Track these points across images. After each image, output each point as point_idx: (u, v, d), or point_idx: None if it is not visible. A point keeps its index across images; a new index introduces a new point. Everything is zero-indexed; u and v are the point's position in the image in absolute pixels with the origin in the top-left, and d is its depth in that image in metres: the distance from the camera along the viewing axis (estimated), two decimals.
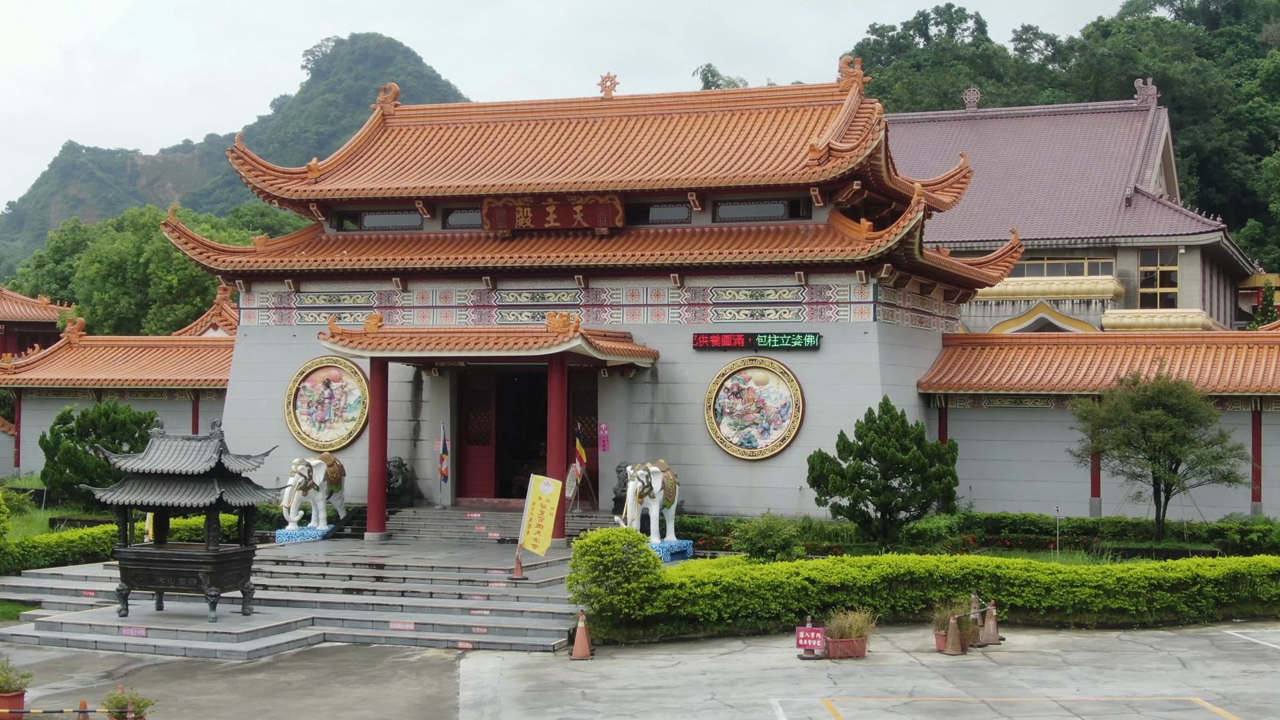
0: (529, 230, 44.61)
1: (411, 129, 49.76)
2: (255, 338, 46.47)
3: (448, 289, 44.71)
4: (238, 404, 46.42)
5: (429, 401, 44.56)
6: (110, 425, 43.53)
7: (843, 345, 41.05)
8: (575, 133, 47.48)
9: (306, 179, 46.82)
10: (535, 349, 39.24)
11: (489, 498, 44.32)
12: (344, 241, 46.56)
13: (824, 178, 41.30)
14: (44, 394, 52.64)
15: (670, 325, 42.75)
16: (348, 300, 45.58)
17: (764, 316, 41.86)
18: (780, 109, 46.04)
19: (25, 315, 77.61)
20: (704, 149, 45.07)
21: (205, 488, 30.77)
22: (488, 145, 47.96)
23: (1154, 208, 72.05)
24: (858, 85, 45.51)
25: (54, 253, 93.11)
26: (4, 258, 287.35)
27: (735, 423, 41.70)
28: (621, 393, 42.70)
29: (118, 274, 66.34)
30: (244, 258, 46.11)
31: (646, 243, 43.29)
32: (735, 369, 41.83)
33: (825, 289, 41.31)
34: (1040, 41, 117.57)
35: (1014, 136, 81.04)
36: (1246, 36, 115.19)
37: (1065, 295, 70.22)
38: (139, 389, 50.98)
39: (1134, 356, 44.00)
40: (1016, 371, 43.87)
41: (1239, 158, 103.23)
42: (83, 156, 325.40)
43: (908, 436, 36.64)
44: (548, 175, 44.83)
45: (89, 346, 54.86)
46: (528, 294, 44.01)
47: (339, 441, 45.12)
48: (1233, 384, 41.44)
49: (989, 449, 43.59)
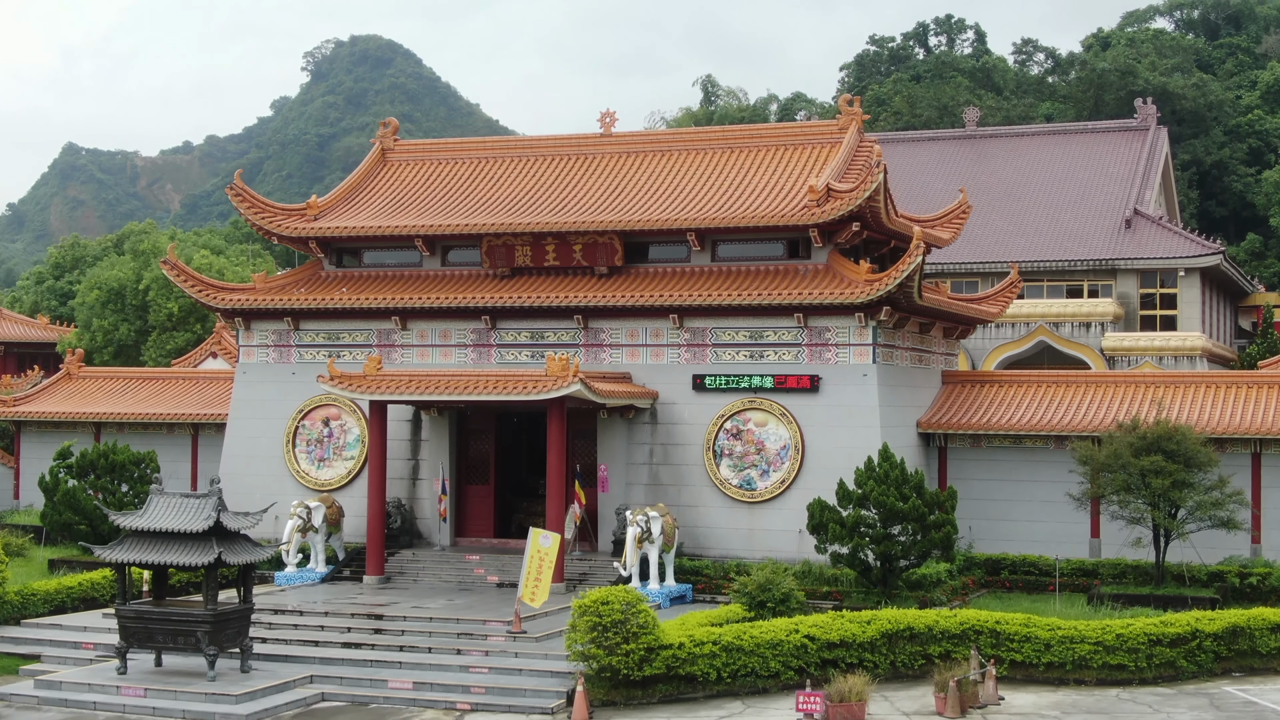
0: (528, 269, 44.56)
1: (411, 164, 49.69)
2: (254, 375, 46.41)
3: (447, 328, 44.65)
4: (237, 442, 46.36)
5: (428, 441, 44.52)
6: (110, 466, 43.48)
7: (842, 387, 40.99)
8: (575, 169, 47.40)
9: (306, 216, 46.75)
10: (534, 393, 39.19)
11: (488, 538, 44.27)
12: (343, 278, 46.49)
13: (823, 219, 41.24)
14: (43, 427, 52.57)
15: (669, 365, 42.70)
16: (347, 338, 45.52)
17: (763, 357, 41.80)
18: (780, 146, 45.96)
19: (25, 336, 77.61)
20: (703, 187, 44.99)
21: (204, 547, 30.72)
22: (487, 181, 47.89)
23: (1154, 229, 71.98)
24: (857, 123, 45.44)
25: (53, 269, 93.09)
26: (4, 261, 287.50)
27: (735, 464, 41.64)
28: (621, 433, 42.65)
29: (117, 300, 66.29)
30: (243, 295, 46.03)
31: (646, 282, 43.23)
32: (734, 410, 41.78)
33: (824, 330, 41.25)
34: (1040, 54, 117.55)
35: (1014, 156, 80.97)
36: (1246, 48, 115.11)
37: (1065, 318, 70.16)
38: (138, 423, 50.89)
39: (1133, 396, 43.93)
40: (1016, 411, 43.81)
41: (1239, 171, 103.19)
42: (82, 158, 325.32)
43: (907, 484, 36.57)
44: (547, 213, 44.77)
45: (88, 377, 54.80)
46: (527, 333, 43.94)
47: (338, 480, 45.06)
48: (1232, 425, 41.38)
49: (989, 489, 43.54)
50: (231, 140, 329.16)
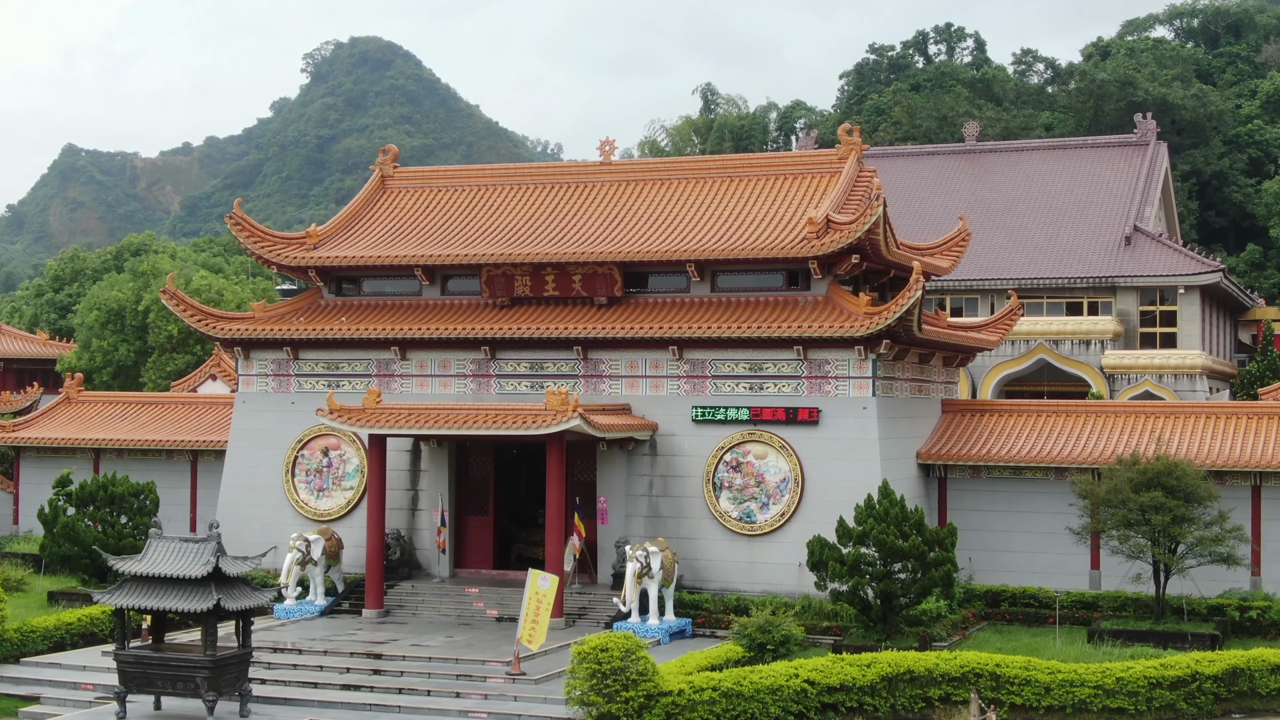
0: (528, 298, 44.53)
1: (410, 191, 49.63)
2: (254, 404, 46.36)
3: (446, 358, 44.60)
4: (236, 471, 46.33)
5: (427, 471, 44.47)
6: (109, 498, 43.43)
7: (842, 420, 40.95)
8: (574, 198, 47.35)
9: (305, 245, 46.71)
10: (533, 428, 39.18)
11: (487, 569, 44.23)
12: (343, 307, 46.44)
13: (822, 251, 41.22)
14: (43, 452, 52.52)
15: (669, 397, 42.66)
16: (346, 368, 45.47)
17: (763, 389, 41.76)
18: (779, 175, 45.91)
19: (24, 352, 77.57)
20: (702, 217, 44.95)
21: (203, 593, 30.68)
22: (487, 209, 47.84)
23: (1153, 247, 71.93)
24: (856, 153, 45.39)
25: (53, 281, 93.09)
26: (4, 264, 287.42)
27: (734, 497, 41.61)
28: (620, 465, 42.61)
29: (117, 321, 66.28)
30: (242, 325, 45.98)
31: (645, 312, 43.18)
32: (734, 442, 41.74)
33: (824, 363, 41.21)
34: (1040, 65, 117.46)
35: (1013, 170, 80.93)
36: (1246, 57, 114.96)
37: (1065, 335, 70.12)
38: (137, 449, 50.83)
39: (1133, 426, 43.87)
40: (1015, 442, 43.75)
41: (1239, 181, 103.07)
42: (82, 159, 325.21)
43: (907, 522, 36.54)
44: (547, 243, 44.73)
45: (87, 402, 54.73)
46: (526, 364, 43.90)
47: (337, 510, 45.03)
48: (1232, 459, 41.34)
49: (989, 519, 43.51)
50: (231, 141, 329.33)
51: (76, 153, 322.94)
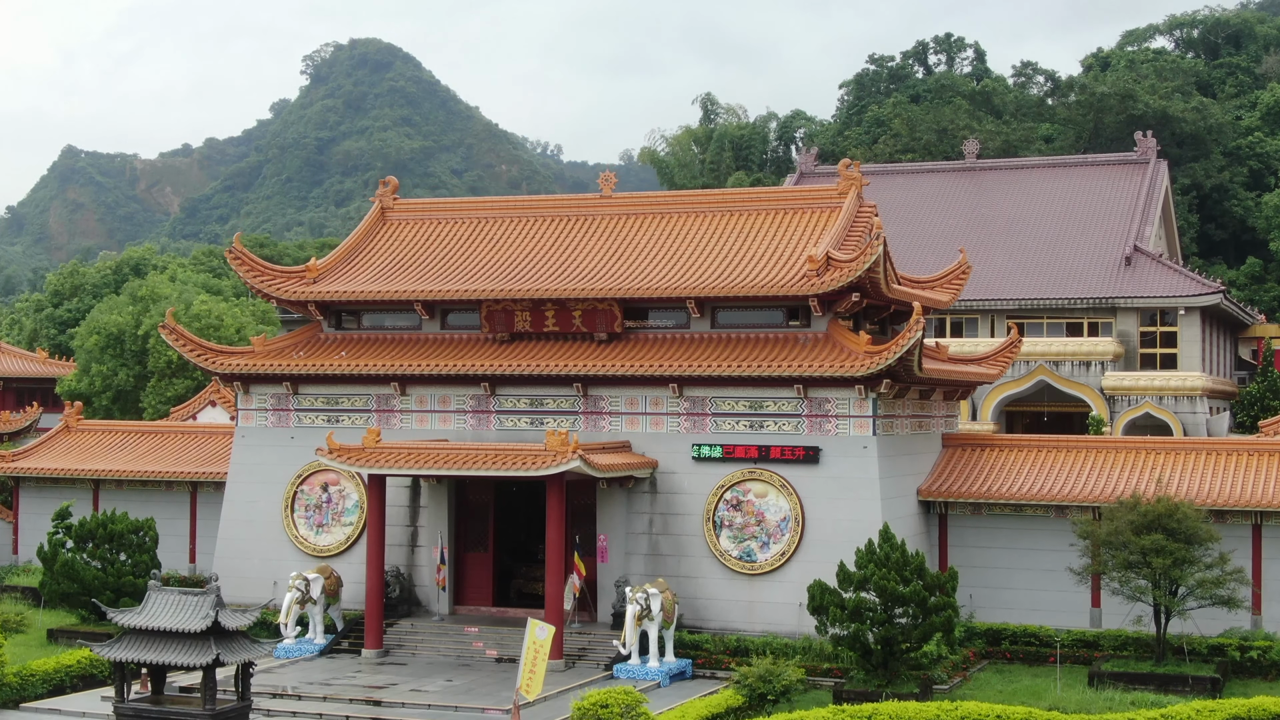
0: (528, 334, 44.46)
1: (410, 223, 49.53)
2: (253, 439, 46.28)
3: (446, 393, 44.52)
4: (235, 506, 46.26)
5: (427, 507, 44.40)
6: (108, 535, 43.33)
7: (842, 459, 40.88)
8: (574, 231, 47.25)
9: (305, 279, 46.63)
10: (533, 469, 39.12)
11: (487, 606, 44.16)
12: (342, 341, 46.36)
13: (822, 290, 41.13)
14: (42, 483, 52.43)
15: (669, 434, 42.58)
16: (346, 403, 45.39)
17: (763, 427, 41.69)
18: (780, 210, 45.82)
19: (23, 371, 77.56)
20: (703, 251, 44.87)
21: (202, 647, 30.59)
22: (487, 243, 47.74)
23: (1154, 267, 71.83)
24: (856, 188, 45.29)
25: (52, 296, 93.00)
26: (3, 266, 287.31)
27: (734, 535, 41.54)
28: (620, 503, 42.53)
29: (116, 345, 66.16)
30: (242, 360, 45.89)
31: (645, 348, 43.11)
32: (734, 480, 41.67)
33: (824, 402, 41.13)
34: (1040, 77, 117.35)
35: (1013, 188, 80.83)
36: (1246, 68, 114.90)
37: (1065, 356, 70.02)
38: (136, 480, 50.74)
39: (1134, 463, 43.77)
40: (1016, 479, 43.66)
41: (1239, 194, 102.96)
42: (82, 160, 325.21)
43: (908, 567, 36.44)
44: (547, 277, 44.66)
45: (86, 431, 54.64)
46: (526, 400, 43.82)
47: (337, 546, 44.95)
48: (1233, 498, 41.25)
49: (989, 556, 43.42)
50: (231, 143, 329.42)
51: (76, 154, 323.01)
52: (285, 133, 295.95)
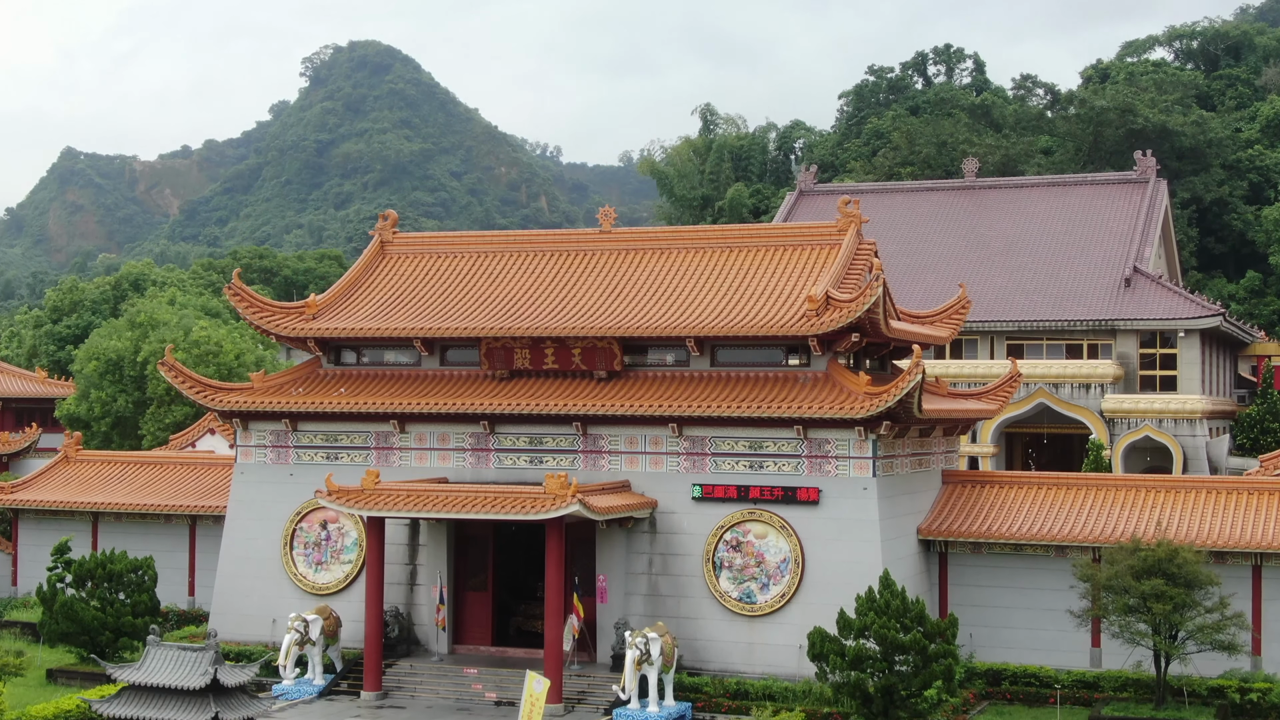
0: (527, 371, 44.38)
1: (409, 257, 49.43)
2: (252, 475, 46.21)
3: (445, 431, 44.44)
4: (234, 542, 46.19)
5: (426, 546, 44.33)
6: (107, 575, 43.25)
7: (842, 501, 40.81)
8: (574, 266, 47.15)
9: (304, 315, 46.51)
10: (532, 513, 39.05)
11: (486, 646, 44.07)
12: (341, 377, 46.27)
13: (822, 330, 41.05)
14: (41, 515, 52.35)
15: (669, 474, 42.50)
16: (345, 440, 45.31)
17: (763, 468, 41.61)
18: (779, 247, 45.74)
19: (23, 391, 77.51)
20: (702, 288, 44.78)
21: (201, 704, 30.48)
22: (486, 278, 47.64)
23: (1154, 289, 71.72)
24: (856, 226, 45.21)
25: (51, 312, 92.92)
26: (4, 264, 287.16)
27: (734, 577, 41.47)
28: (620, 543, 42.46)
29: (115, 371, 66.08)
30: (241, 397, 45.80)
31: (645, 386, 43.01)
32: (734, 521, 41.61)
33: (824, 442, 41.06)
34: (1040, 90, 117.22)
35: (1012, 208, 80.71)
36: (1246, 80, 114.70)
37: (1065, 379, 69.98)
38: (135, 513, 50.67)
39: (1134, 501, 43.71)
40: (1016, 517, 43.58)
41: (1239, 208, 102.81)
42: (81, 162, 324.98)
43: (908, 615, 36.36)
44: (546, 314, 44.57)
45: (85, 461, 54.56)
46: (526, 438, 43.74)
47: (336, 584, 44.88)
48: (1233, 539, 41.19)
49: (989, 595, 43.37)
50: (230, 145, 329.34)
51: (75, 156, 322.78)
52: (284, 135, 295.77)
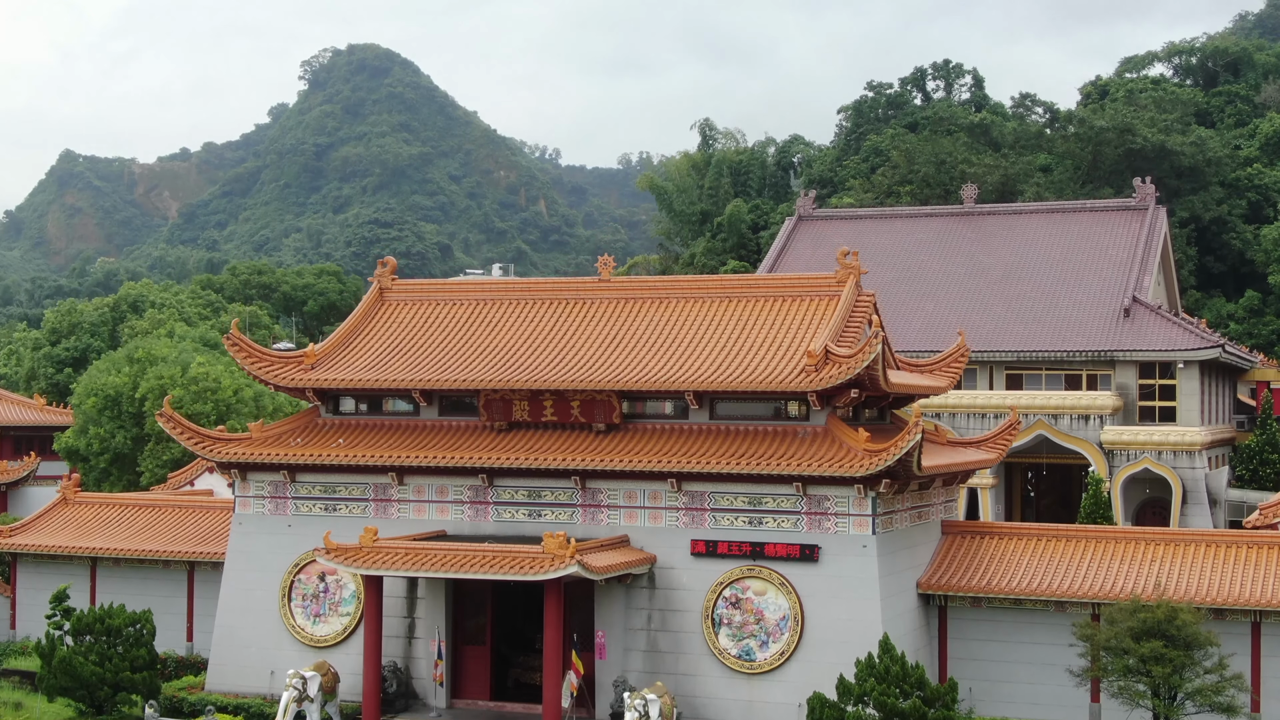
0: (526, 423, 44.26)
1: (408, 304, 49.29)
2: (250, 526, 46.11)
3: (444, 484, 44.35)
4: (233, 593, 46.08)
5: (424, 599, 44.21)
6: (105, 630, 43.11)
7: (841, 558, 40.72)
8: (572, 315, 47.03)
9: (303, 365, 46.38)
10: (531, 573, 38.97)
11: (484, 700, 43.96)
12: (340, 427, 46.16)
13: (821, 386, 40.95)
14: (40, 559, 52.25)
15: (668, 529, 42.42)
16: (343, 492, 45.21)
17: (762, 524, 41.53)
18: (778, 298, 45.62)
19: (21, 419, 77.39)
20: (701, 340, 44.66)
21: None
22: (485, 326, 47.51)
23: (1153, 319, 71.58)
24: (854, 277, 45.09)
25: (50, 334, 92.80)
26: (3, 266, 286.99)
27: (733, 634, 41.38)
28: (619, 599, 42.35)
29: (113, 408, 65.95)
30: (239, 448, 45.66)
31: (644, 439, 42.91)
32: (734, 578, 41.52)
33: (824, 499, 40.97)
34: (1039, 108, 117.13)
35: (1011, 234, 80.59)
36: (1245, 96, 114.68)
37: (1064, 410, 69.89)
38: (133, 559, 50.57)
39: (1133, 554, 43.63)
40: (1015, 571, 43.49)
41: (1238, 227, 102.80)
42: (80, 165, 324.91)
43: (908, 680, 36.28)
44: (545, 365, 44.46)
45: (84, 503, 54.40)
46: (525, 492, 43.64)
47: (334, 637, 44.79)
48: (1232, 596, 41.11)
49: (989, 650, 43.30)
50: (229, 148, 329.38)
51: (74, 158, 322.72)
52: (283, 138, 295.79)
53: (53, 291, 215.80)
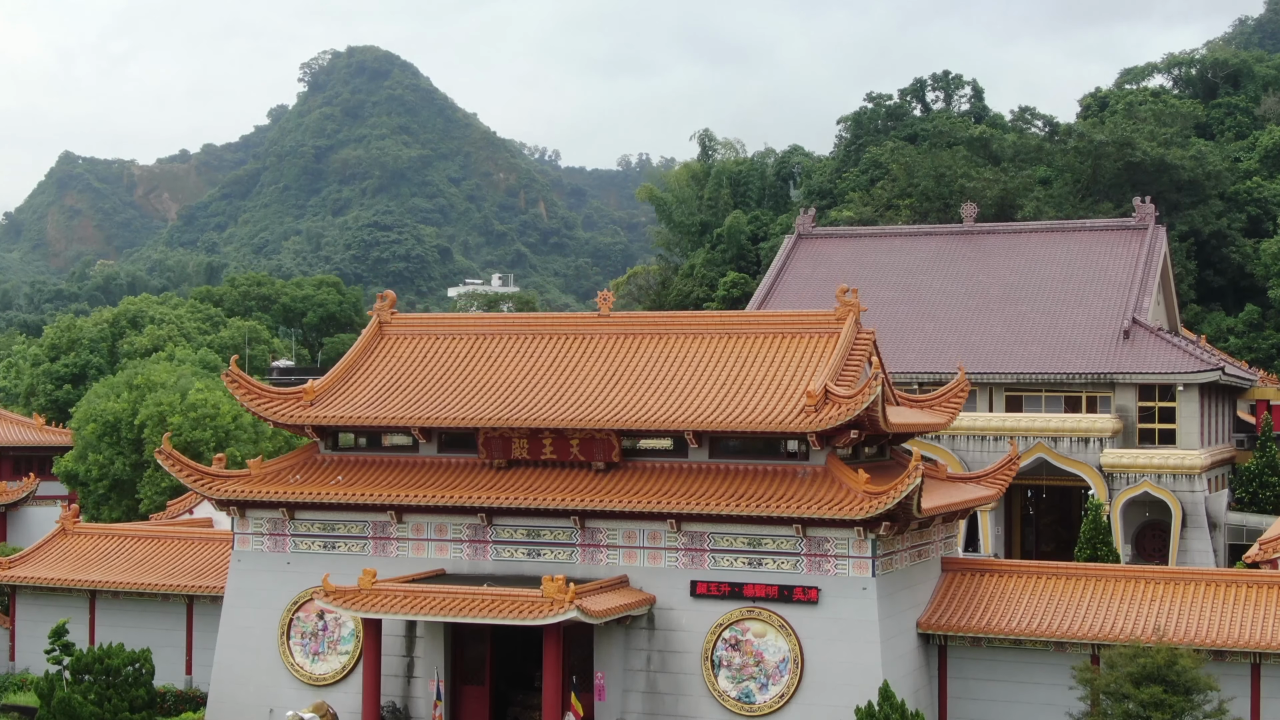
0: (525, 461, 44.17)
1: (407, 339, 49.17)
2: (249, 564, 46.01)
3: (443, 522, 44.25)
4: (232, 631, 45.98)
5: (423, 638, 44.11)
6: (105, 670, 43.06)
7: (841, 601, 40.62)
8: (572, 350, 46.91)
9: (302, 402, 46.27)
10: (529, 618, 38.90)
11: None
12: (339, 463, 46.08)
13: (820, 427, 40.85)
14: (39, 591, 52.19)
15: (667, 569, 42.32)
16: (342, 530, 45.11)
17: (762, 565, 41.43)
18: (777, 335, 45.49)
19: (20, 439, 77.37)
20: (700, 377, 44.54)
21: None
22: (485, 361, 47.39)
23: (1153, 341, 71.54)
24: (854, 314, 44.97)
25: (49, 350, 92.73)
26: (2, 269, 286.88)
27: (733, 676, 41.29)
28: (618, 640, 42.27)
29: (113, 434, 65.91)
30: (238, 485, 45.57)
31: (643, 478, 42.82)
32: (733, 619, 41.42)
33: (823, 541, 40.88)
34: (1038, 121, 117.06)
35: (1011, 253, 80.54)
36: (1245, 108, 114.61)
37: (1064, 433, 69.82)
38: (132, 592, 50.51)
39: (1133, 594, 43.46)
40: (1015, 610, 43.38)
41: (1238, 241, 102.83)
42: (79, 166, 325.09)
43: None
44: (544, 402, 44.36)
45: (83, 534, 54.32)
46: (524, 531, 43.56)
47: (333, 675, 44.70)
48: (1232, 638, 41.01)
49: (989, 689, 43.19)
50: (229, 149, 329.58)
51: (74, 160, 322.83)
52: (283, 140, 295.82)
53: (52, 296, 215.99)
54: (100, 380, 74.16)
